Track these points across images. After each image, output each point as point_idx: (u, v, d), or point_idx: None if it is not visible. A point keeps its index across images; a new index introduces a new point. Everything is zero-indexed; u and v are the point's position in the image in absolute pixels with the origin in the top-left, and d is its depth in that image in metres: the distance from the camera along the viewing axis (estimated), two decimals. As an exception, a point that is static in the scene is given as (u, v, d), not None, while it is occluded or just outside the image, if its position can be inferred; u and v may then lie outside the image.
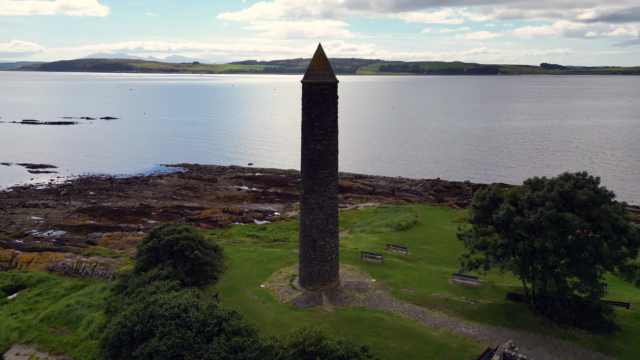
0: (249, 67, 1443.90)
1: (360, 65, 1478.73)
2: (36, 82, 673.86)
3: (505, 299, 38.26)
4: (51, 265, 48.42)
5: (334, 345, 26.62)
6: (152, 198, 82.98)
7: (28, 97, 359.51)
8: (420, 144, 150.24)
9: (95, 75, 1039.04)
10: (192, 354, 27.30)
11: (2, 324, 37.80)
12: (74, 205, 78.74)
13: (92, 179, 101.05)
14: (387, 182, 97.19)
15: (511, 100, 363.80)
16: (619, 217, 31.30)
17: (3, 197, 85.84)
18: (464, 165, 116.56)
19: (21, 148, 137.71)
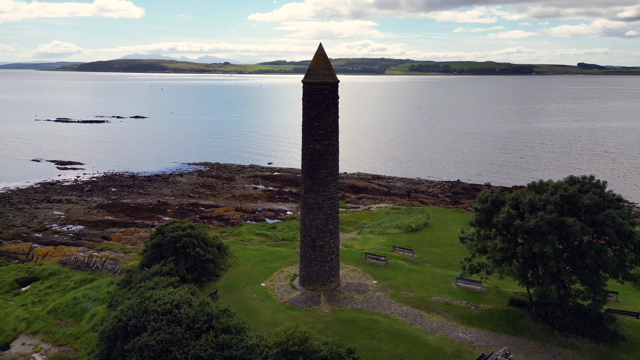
0: (279, 68, 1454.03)
1: (389, 65, 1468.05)
2: (73, 82, 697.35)
3: (507, 305, 37.30)
4: (64, 259, 50.04)
5: (319, 345, 26.52)
6: (170, 195, 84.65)
7: (63, 97, 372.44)
8: (443, 145, 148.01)
9: (130, 76, 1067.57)
10: (180, 349, 27.71)
11: (12, 314, 39.31)
12: (95, 201, 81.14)
13: (115, 176, 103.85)
14: (405, 183, 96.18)
15: (543, 101, 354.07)
16: (624, 223, 30.07)
17: (30, 193, 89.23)
18: (487, 168, 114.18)
19: (52, 145, 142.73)
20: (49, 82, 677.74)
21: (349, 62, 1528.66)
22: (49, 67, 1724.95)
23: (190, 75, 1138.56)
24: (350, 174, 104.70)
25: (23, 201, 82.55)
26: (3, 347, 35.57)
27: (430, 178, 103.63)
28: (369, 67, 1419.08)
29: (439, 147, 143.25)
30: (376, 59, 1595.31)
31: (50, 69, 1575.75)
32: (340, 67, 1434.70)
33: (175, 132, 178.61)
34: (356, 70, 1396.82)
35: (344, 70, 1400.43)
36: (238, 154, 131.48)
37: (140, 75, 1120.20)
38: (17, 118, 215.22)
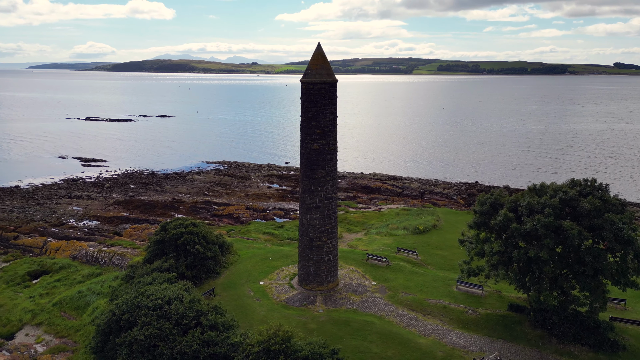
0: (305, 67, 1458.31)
1: (417, 65, 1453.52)
2: (105, 82, 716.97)
3: (506, 310, 36.44)
4: (75, 253, 51.52)
5: (301, 345, 26.50)
6: (186, 193, 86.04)
7: (95, 96, 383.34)
8: (465, 146, 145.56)
9: (160, 76, 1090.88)
10: (167, 344, 28.14)
11: (19, 306, 40.73)
12: (113, 197, 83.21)
13: (136, 174, 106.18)
14: (421, 184, 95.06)
15: (574, 101, 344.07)
16: (624, 228, 28.93)
17: (54, 188, 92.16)
18: (508, 170, 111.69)
19: (78, 143, 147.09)
20: (82, 82, 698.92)
21: (376, 61, 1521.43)
22: (84, 67, 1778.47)
23: (218, 76, 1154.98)
24: (366, 174, 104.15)
25: (45, 196, 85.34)
26: (8, 337, 36.90)
27: (447, 179, 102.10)
28: (397, 67, 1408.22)
29: (460, 148, 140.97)
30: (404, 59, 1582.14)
31: (85, 69, 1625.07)
32: (367, 67, 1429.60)
33: (198, 131, 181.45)
34: (383, 70, 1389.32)
35: (371, 70, 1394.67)
36: (257, 153, 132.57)
37: (170, 75, 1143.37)
38: (49, 116, 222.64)
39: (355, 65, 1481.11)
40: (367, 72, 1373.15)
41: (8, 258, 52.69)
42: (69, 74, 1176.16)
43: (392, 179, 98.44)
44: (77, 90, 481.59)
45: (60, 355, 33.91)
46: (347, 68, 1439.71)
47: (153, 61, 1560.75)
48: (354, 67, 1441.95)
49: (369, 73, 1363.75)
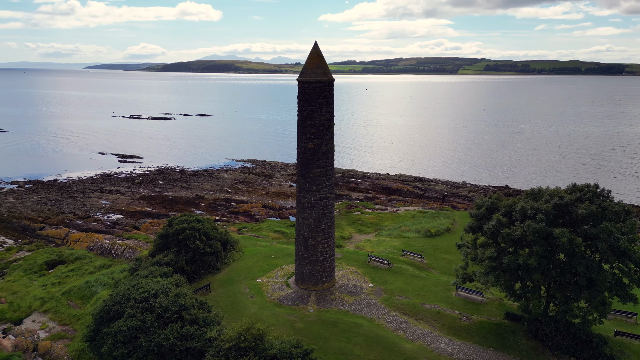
0: (348, 67, 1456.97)
1: (463, 64, 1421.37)
2: (153, 82, 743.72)
3: (503, 319, 35.01)
4: (92, 245, 53.78)
5: (270, 344, 26.51)
6: (210, 190, 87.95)
7: (141, 95, 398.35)
8: (500, 148, 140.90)
9: (206, 76, 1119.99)
10: (146, 336, 28.88)
11: (31, 293, 42.94)
12: (140, 192, 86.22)
13: (167, 170, 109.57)
14: (446, 186, 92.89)
15: (626, 103, 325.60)
16: (621, 238, 27.14)
17: (88, 183, 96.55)
18: (543, 173, 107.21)
19: (119, 140, 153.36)
20: (132, 82, 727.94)
21: (420, 61, 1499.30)
22: (135, 67, 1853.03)
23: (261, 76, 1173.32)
24: (392, 175, 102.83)
25: (79, 190, 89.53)
26: (16, 323, 39.00)
27: (476, 182, 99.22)
28: (441, 67, 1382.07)
29: (495, 150, 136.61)
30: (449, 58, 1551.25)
31: (137, 69, 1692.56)
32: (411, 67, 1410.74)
33: (233, 130, 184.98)
34: (427, 70, 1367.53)
35: (415, 70, 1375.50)
36: (285, 153, 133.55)
37: (216, 75, 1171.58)
38: (96, 114, 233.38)
39: (399, 65, 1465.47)
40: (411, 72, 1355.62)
41: (32, 248, 55.67)
42: (121, 74, 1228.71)
43: (417, 181, 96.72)
44: (126, 89, 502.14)
45: (59, 342, 35.49)
46: (390, 68, 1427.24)
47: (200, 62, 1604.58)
48: (397, 67, 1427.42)
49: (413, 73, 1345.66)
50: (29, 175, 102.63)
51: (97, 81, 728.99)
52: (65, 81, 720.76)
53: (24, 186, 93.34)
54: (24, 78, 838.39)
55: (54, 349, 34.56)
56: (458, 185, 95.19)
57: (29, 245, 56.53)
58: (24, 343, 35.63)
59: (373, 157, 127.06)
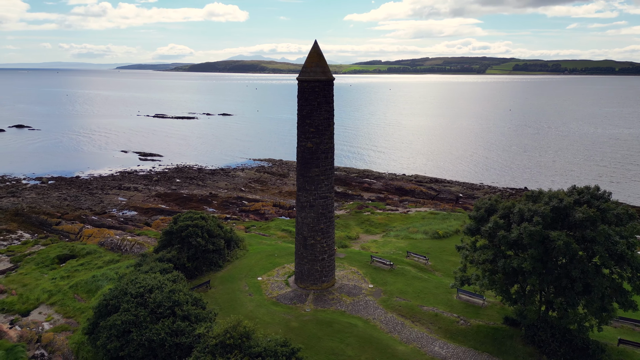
0: (373, 67, 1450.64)
1: (491, 64, 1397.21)
2: (179, 82, 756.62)
3: (502, 323, 34.20)
4: (103, 240, 55.05)
5: (255, 341, 26.58)
6: (224, 188, 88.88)
7: (167, 94, 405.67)
8: (523, 149, 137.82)
9: (232, 76, 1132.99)
10: (139, 330, 29.36)
11: (40, 286, 44.21)
12: (156, 190, 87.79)
13: (185, 168, 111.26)
14: (463, 187, 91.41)
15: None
16: (619, 242, 26.17)
17: (108, 180, 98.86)
18: (563, 176, 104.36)
19: (141, 138, 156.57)
20: (160, 82, 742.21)
21: (447, 61, 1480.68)
22: (164, 67, 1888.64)
23: (286, 76, 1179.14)
24: (408, 176, 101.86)
25: (99, 187, 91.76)
26: (24, 314, 40.21)
27: (494, 184, 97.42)
28: (469, 67, 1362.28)
29: (516, 152, 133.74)
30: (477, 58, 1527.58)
31: (165, 70, 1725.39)
32: (437, 67, 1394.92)
33: (253, 129, 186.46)
34: (454, 70, 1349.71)
35: (441, 69, 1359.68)
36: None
37: (241, 75, 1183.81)
38: (122, 113, 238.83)
39: (425, 64, 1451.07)
40: (437, 72, 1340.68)
41: (47, 242, 57.35)
42: (150, 74, 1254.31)
43: (433, 182, 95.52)
44: (153, 89, 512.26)
45: (61, 334, 36.41)
46: (416, 68, 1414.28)
47: (226, 62, 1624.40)
48: (423, 67, 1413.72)
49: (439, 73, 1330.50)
50: (53, 172, 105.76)
51: (126, 81, 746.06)
52: (96, 81, 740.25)
53: (47, 182, 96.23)
54: (57, 78, 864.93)
55: (56, 341, 35.48)
56: (475, 187, 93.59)
57: (44, 240, 58.27)
58: (28, 334, 36.71)
59: (389, 158, 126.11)
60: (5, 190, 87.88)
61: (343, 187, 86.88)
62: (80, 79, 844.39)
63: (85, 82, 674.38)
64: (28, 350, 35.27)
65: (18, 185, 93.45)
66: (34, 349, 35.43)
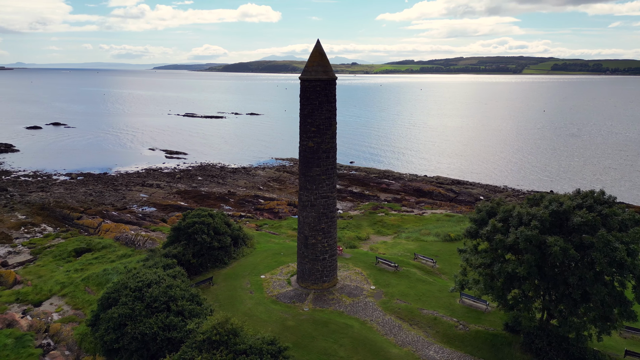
0: (405, 67, 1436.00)
1: (528, 64, 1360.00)
2: (213, 81, 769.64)
3: (502, 329, 33.25)
4: (119, 235, 56.60)
5: (242, 339, 26.77)
6: (243, 187, 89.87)
7: (199, 94, 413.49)
8: (553, 151, 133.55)
9: (263, 76, 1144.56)
10: (133, 324, 30.07)
11: (54, 278, 45.84)
12: (177, 187, 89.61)
13: (208, 167, 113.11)
14: (485, 190, 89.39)
15: None
16: (619, 248, 24.98)
17: (134, 177, 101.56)
18: (595, 180, 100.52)
19: (169, 137, 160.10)
20: (193, 81, 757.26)
21: (482, 60, 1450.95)
22: (199, 68, 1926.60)
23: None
24: (429, 177, 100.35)
25: (123, 183, 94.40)
26: (36, 304, 41.79)
27: (518, 187, 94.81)
28: (504, 66, 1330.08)
29: (544, 154, 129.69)
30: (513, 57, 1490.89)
31: (200, 70, 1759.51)
32: (472, 67, 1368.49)
33: (279, 129, 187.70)
34: (489, 70, 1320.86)
35: (476, 69, 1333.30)
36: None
37: (272, 75, 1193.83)
38: (153, 112, 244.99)
39: (459, 64, 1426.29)
40: (471, 72, 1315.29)
41: (67, 235, 59.43)
42: (184, 74, 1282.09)
43: (454, 183, 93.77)
44: (186, 89, 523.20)
45: (68, 325, 37.65)
46: (449, 67, 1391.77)
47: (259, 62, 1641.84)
48: (457, 67, 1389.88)
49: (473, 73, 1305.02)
50: (83, 168, 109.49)
51: (161, 81, 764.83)
52: (132, 81, 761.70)
53: (75, 178, 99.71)
54: (96, 78, 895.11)
55: (62, 331, 36.71)
56: (498, 190, 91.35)
57: (64, 233, 60.40)
58: (37, 324, 38.14)
59: (411, 159, 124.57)
60: (36, 185, 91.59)
61: (361, 188, 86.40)
62: (117, 78, 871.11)
63: (122, 82, 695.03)
64: (36, 339, 36.65)
65: (48, 180, 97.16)
66: (42, 339, 36.77)
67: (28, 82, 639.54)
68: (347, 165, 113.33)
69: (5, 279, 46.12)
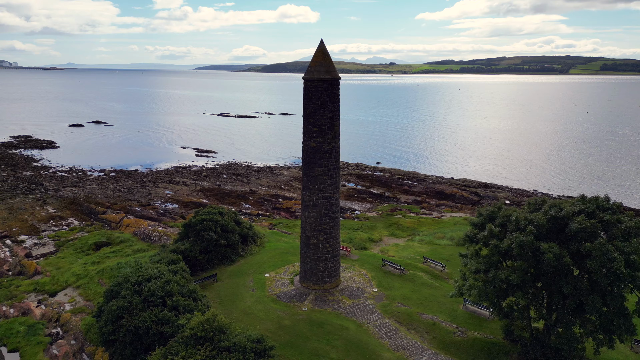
0: (445, 67, 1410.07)
1: (575, 63, 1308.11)
2: (250, 82, 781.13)
3: (502, 338, 32.11)
4: (137, 230, 58.34)
5: (227, 336, 27.00)
6: (265, 186, 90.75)
7: (235, 94, 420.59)
8: (591, 155, 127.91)
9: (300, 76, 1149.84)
10: (129, 317, 30.88)
11: (71, 269, 47.70)
12: (202, 185, 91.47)
13: (235, 165, 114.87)
14: (512, 194, 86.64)
15: None
16: (617, 258, 23.66)
17: (163, 174, 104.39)
18: (634, 186, 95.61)
19: (201, 135, 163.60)
20: (231, 82, 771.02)
21: (526, 60, 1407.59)
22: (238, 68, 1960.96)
23: (353, 76, 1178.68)
24: (455, 180, 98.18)
25: (152, 180, 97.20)
26: (52, 294, 43.64)
27: (549, 192, 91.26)
28: (550, 66, 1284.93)
29: (583, 158, 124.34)
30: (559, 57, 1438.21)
31: (239, 70, 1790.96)
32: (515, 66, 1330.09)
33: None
34: (533, 70, 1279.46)
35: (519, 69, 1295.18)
36: (352, 152, 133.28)
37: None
38: (190, 111, 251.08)
39: (501, 64, 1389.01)
40: (514, 72, 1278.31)
41: (91, 229, 61.76)
42: (224, 75, 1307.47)
43: (481, 186, 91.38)
44: (224, 89, 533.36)
45: (77, 316, 39.15)
46: (491, 67, 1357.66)
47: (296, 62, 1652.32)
48: (499, 67, 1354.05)
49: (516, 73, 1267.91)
50: (116, 165, 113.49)
51: (200, 81, 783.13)
52: (174, 81, 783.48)
53: (108, 174, 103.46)
54: (140, 78, 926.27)
55: (71, 322, 38.20)
56: (526, 194, 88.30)
57: (89, 227, 62.81)
58: (50, 313, 39.86)
59: (439, 160, 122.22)
60: (70, 181, 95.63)
61: (382, 189, 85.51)
62: (160, 79, 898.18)
63: (164, 82, 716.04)
64: (47, 328, 38.29)
65: (83, 176, 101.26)
66: (52, 327, 38.37)
67: (77, 82, 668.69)
68: (372, 166, 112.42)
69: (26, 269, 48.45)
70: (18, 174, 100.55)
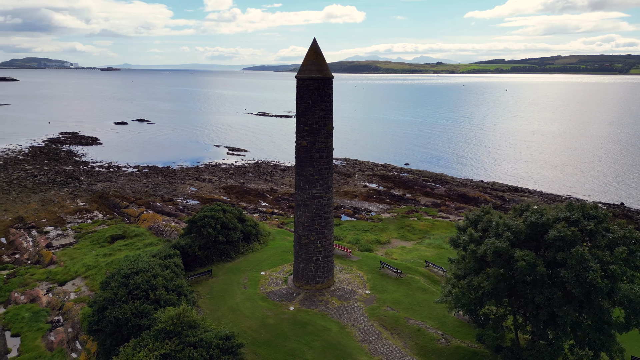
0: (494, 67, 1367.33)
1: (637, 63, 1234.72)
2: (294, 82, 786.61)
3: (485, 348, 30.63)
4: (152, 224, 60.15)
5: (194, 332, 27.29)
6: (287, 185, 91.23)
7: (275, 94, 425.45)
8: (637, 161, 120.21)
9: (344, 76, 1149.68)
10: (112, 308, 31.84)
11: (82, 260, 49.79)
12: (226, 182, 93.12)
13: (263, 164, 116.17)
14: (543, 199, 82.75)
15: None
16: (593, 267, 22.08)
17: (192, 171, 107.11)
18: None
19: (235, 134, 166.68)
20: (275, 82, 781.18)
21: (582, 59, 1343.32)
22: (284, 68, 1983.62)
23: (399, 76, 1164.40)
24: (485, 183, 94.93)
25: (180, 177, 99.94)
26: (61, 284, 45.69)
27: (584, 197, 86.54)
28: (609, 66, 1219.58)
29: (627, 164, 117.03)
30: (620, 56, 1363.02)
31: (285, 71, 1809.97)
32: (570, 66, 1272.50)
33: (342, 129, 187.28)
34: (590, 70, 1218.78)
35: (575, 68, 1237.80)
36: (381, 152, 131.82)
37: (353, 75, 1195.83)
38: (229, 110, 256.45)
39: (556, 63, 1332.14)
40: (570, 72, 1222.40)
41: (111, 222, 64.25)
42: (269, 75, 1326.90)
43: (510, 190, 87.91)
44: (266, 88, 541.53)
45: (79, 305, 40.79)
46: (544, 67, 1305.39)
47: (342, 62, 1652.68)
48: (553, 66, 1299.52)
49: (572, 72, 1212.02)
50: (150, 162, 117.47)
51: (246, 81, 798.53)
52: (220, 81, 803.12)
53: (141, 170, 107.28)
54: (189, 78, 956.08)
55: (72, 310, 39.86)
56: (558, 199, 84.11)
57: (110, 220, 65.37)
58: (55, 301, 41.76)
59: (470, 163, 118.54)
60: (105, 176, 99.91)
61: (403, 190, 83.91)
62: (207, 79, 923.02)
63: (211, 82, 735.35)
64: (50, 315, 40.13)
65: (117, 171, 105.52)
66: (55, 315, 40.18)
67: (130, 81, 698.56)
68: (399, 167, 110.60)
69: (43, 259, 51.01)
70: (59, 168, 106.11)
